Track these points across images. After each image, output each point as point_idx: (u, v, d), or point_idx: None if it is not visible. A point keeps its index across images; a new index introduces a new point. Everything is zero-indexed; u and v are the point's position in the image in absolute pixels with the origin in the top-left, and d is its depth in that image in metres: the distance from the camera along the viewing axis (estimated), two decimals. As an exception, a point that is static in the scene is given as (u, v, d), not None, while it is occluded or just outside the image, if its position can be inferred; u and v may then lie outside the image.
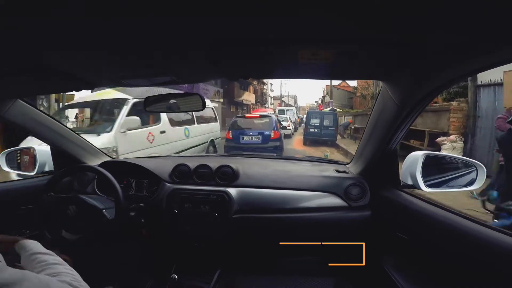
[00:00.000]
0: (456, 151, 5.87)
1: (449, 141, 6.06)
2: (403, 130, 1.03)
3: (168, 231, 1.40)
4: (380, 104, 1.04)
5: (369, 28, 0.53)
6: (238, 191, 1.35)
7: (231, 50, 0.65)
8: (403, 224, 1.07)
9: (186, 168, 1.47)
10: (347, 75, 1.02)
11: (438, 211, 0.92)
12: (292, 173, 1.48)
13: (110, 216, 1.15)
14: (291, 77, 0.92)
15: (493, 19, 0.44)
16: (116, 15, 0.48)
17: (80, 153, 1.54)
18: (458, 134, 6.19)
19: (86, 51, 0.68)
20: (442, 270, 0.89)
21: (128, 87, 1.00)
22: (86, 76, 0.89)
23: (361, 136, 1.29)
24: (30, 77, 0.84)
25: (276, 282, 1.23)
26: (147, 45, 0.64)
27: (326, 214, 1.29)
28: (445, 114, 6.66)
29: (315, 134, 12.01)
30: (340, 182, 1.35)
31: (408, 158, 1.11)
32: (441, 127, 6.73)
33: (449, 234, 0.84)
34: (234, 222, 1.30)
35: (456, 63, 0.63)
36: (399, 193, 1.14)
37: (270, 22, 0.51)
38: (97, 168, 1.24)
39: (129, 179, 1.48)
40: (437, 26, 0.49)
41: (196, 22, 0.52)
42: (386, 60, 0.69)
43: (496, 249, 0.69)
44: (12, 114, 1.17)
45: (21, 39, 0.58)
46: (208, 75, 0.92)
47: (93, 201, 1.17)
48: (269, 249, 1.48)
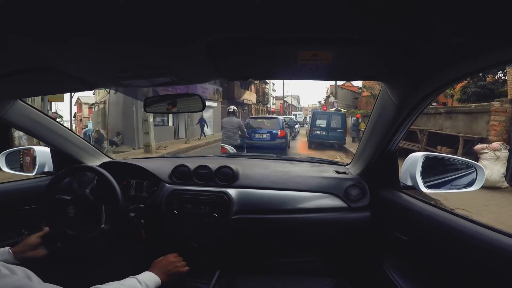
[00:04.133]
0: (500, 162, 4.97)
1: (491, 150, 5.06)
2: (402, 131, 1.03)
3: (168, 232, 1.40)
4: (379, 105, 1.04)
5: (369, 29, 0.53)
6: (238, 192, 1.35)
7: (230, 51, 0.65)
8: (402, 225, 1.07)
9: (185, 168, 1.47)
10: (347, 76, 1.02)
11: (438, 212, 0.92)
12: (291, 174, 1.48)
13: (110, 211, 1.15)
14: (290, 78, 0.91)
15: (493, 20, 0.44)
16: (115, 14, 0.48)
17: (80, 153, 1.54)
18: (501, 141, 5.20)
19: (86, 51, 0.68)
20: (441, 271, 0.89)
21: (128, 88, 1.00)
22: (86, 76, 0.89)
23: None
24: (30, 78, 0.84)
25: (275, 283, 1.22)
26: (146, 46, 0.64)
27: (325, 215, 1.29)
28: (482, 117, 5.70)
29: (322, 137, 11.05)
30: (339, 183, 1.35)
31: (408, 159, 1.11)
32: (477, 132, 5.78)
33: (448, 235, 0.84)
34: (234, 223, 1.30)
35: (455, 64, 0.63)
36: (399, 194, 1.14)
37: (269, 22, 0.51)
38: (97, 168, 1.24)
39: (129, 180, 1.48)
40: (436, 26, 0.49)
41: (195, 22, 0.51)
42: (386, 61, 0.69)
43: (495, 250, 0.69)
44: (11, 115, 1.17)
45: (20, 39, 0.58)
46: (207, 76, 0.92)
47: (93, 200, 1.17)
48: (268, 250, 1.48)
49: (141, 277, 0.93)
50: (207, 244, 1.38)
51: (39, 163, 1.46)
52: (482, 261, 0.73)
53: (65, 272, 1.20)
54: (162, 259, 1.09)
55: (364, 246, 1.32)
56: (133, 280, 0.90)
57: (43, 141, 1.40)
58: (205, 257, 1.43)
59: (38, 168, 1.46)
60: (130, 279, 0.91)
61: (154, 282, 0.95)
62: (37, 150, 1.48)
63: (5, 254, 1.00)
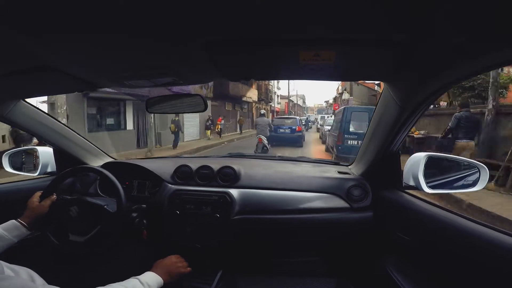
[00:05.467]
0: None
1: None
2: (405, 131, 1.03)
3: (170, 232, 1.41)
4: (382, 105, 1.04)
5: (371, 29, 0.53)
6: (240, 192, 1.35)
7: (231, 51, 0.65)
8: (405, 225, 1.07)
9: (188, 169, 1.47)
10: (349, 76, 1.02)
11: (440, 212, 0.92)
12: (293, 174, 1.47)
13: (113, 210, 1.15)
14: (293, 78, 0.92)
15: (495, 19, 0.44)
16: (116, 14, 0.48)
17: (83, 154, 1.55)
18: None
19: (89, 51, 0.68)
20: (443, 271, 0.88)
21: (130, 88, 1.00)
22: (89, 77, 0.89)
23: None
24: (31, 78, 0.84)
25: (277, 283, 1.22)
26: (146, 45, 0.64)
27: (327, 215, 1.28)
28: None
29: None
30: (341, 183, 1.34)
31: (410, 160, 1.11)
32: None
33: (450, 235, 0.84)
34: (236, 223, 1.30)
35: (457, 64, 0.63)
36: (401, 194, 1.14)
37: (271, 22, 0.51)
38: (99, 169, 1.24)
39: (131, 180, 1.49)
40: (438, 26, 0.49)
41: (194, 22, 0.52)
42: (388, 61, 0.69)
43: (497, 250, 0.68)
44: (14, 115, 1.17)
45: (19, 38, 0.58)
46: (209, 76, 0.92)
47: (95, 200, 1.18)
48: (270, 250, 1.48)
49: (143, 278, 0.93)
50: (209, 244, 1.38)
51: (42, 164, 1.47)
52: (485, 261, 0.72)
53: (68, 273, 1.21)
54: (164, 259, 1.09)
55: (366, 246, 1.32)
56: (135, 281, 0.91)
57: (46, 141, 1.41)
58: (207, 257, 1.43)
59: (41, 168, 1.47)
60: (132, 280, 0.91)
61: (157, 282, 0.95)
62: (40, 151, 1.49)
63: (17, 228, 1.02)
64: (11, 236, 0.99)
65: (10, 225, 1.01)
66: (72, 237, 1.16)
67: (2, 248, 0.97)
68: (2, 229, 0.99)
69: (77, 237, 1.15)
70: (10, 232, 0.99)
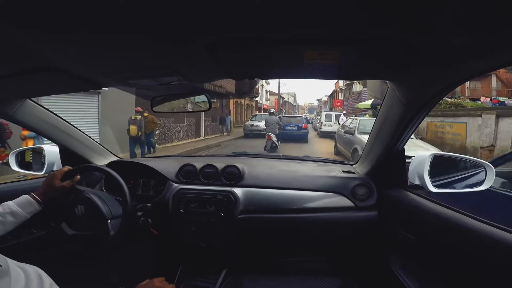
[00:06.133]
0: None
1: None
2: (410, 130, 1.02)
3: (174, 231, 1.41)
4: (387, 103, 1.03)
5: (375, 28, 0.52)
6: (244, 191, 1.36)
7: (234, 51, 0.65)
8: (410, 224, 1.06)
9: (192, 168, 1.47)
10: (353, 75, 1.02)
11: (446, 211, 0.91)
12: (298, 173, 1.47)
13: (112, 231, 1.11)
14: (297, 77, 0.91)
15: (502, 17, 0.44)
16: (120, 14, 0.48)
17: (88, 153, 1.56)
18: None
19: (93, 52, 0.68)
20: (449, 271, 0.88)
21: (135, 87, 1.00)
22: (93, 76, 0.90)
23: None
24: (36, 78, 0.85)
25: (282, 282, 1.22)
26: (149, 44, 0.64)
27: (332, 214, 1.28)
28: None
29: None
30: (346, 182, 1.34)
31: (416, 159, 1.10)
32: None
33: (456, 234, 0.83)
34: (240, 222, 1.30)
35: (462, 64, 0.62)
36: (406, 193, 1.13)
37: (275, 21, 0.51)
38: (104, 168, 1.25)
39: (136, 179, 1.50)
40: (444, 26, 0.49)
41: (195, 22, 0.52)
42: (393, 61, 0.68)
43: (505, 250, 0.68)
44: (21, 114, 1.19)
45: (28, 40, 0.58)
46: (213, 75, 0.92)
47: (100, 205, 1.14)
48: (275, 249, 1.48)
49: None
50: (214, 243, 1.39)
51: (48, 162, 1.48)
52: (491, 261, 0.72)
53: (75, 272, 1.22)
54: (147, 283, 0.98)
55: (371, 246, 1.32)
56: None
57: (52, 140, 1.42)
58: (211, 256, 1.44)
59: (47, 167, 1.48)
60: None
61: None
62: (46, 149, 1.50)
63: (30, 204, 1.01)
64: (25, 212, 0.98)
65: (23, 201, 1.00)
66: (64, 227, 1.14)
67: (16, 224, 0.97)
68: (16, 205, 0.98)
69: (81, 236, 1.15)
70: (24, 208, 0.99)
